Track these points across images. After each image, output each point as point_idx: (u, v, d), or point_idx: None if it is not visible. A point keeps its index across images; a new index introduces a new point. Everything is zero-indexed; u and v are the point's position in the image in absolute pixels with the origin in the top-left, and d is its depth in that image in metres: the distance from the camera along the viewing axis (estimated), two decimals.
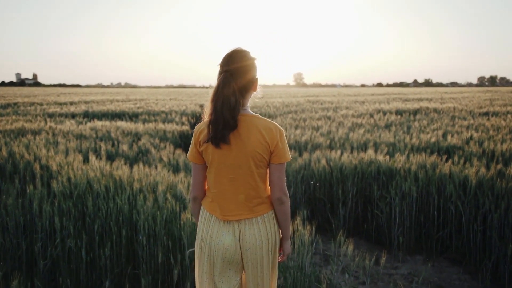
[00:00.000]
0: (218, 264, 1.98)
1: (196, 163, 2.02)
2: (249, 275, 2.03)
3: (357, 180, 5.12)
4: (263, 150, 1.90)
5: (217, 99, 1.84)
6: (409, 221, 4.55)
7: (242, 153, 1.90)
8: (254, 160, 1.91)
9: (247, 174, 1.93)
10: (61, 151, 5.48)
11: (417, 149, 6.28)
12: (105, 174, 4.33)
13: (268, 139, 1.90)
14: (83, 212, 3.76)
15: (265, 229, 1.98)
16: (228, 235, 1.96)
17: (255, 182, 1.95)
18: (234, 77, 1.87)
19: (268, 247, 2.00)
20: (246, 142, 1.89)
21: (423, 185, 4.61)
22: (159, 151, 6.07)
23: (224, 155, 1.91)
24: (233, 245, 1.96)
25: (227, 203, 1.96)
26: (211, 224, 1.99)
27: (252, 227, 1.96)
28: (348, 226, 5.05)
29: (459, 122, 8.74)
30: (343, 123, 9.23)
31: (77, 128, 7.78)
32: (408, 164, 4.94)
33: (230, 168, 1.92)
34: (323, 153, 5.78)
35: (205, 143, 1.91)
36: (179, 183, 4.14)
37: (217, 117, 1.84)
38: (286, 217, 2.04)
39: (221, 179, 1.95)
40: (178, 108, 13.78)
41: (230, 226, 1.96)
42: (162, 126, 8.48)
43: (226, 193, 1.96)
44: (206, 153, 1.94)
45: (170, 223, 3.67)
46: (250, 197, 1.96)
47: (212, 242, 1.97)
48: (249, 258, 1.98)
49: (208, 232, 1.98)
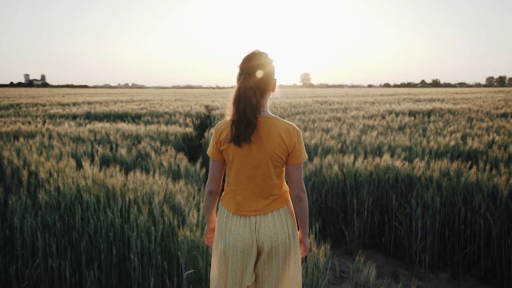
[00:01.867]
0: (237, 257, 2.03)
1: (216, 160, 2.09)
2: (267, 269, 2.06)
3: (373, 188, 4.70)
4: (281, 151, 1.98)
5: (239, 100, 1.92)
6: (432, 235, 4.12)
7: (261, 154, 1.97)
8: (273, 160, 1.99)
9: (265, 173, 2.01)
10: (54, 155, 5.10)
11: (436, 154, 5.84)
12: (98, 183, 3.94)
13: (287, 141, 1.97)
14: (70, 226, 3.38)
15: (280, 222, 2.05)
16: (245, 229, 2.02)
17: (272, 180, 2.03)
18: (254, 79, 1.94)
19: (284, 240, 2.04)
20: (266, 144, 1.96)
21: (447, 194, 4.18)
22: (160, 155, 5.68)
23: (244, 155, 1.98)
24: (250, 238, 2.02)
25: (245, 200, 2.04)
26: (229, 219, 2.07)
27: (267, 220, 2.03)
28: (364, 238, 4.63)
29: (477, 124, 8.27)
30: (354, 124, 8.79)
31: (76, 130, 7.42)
32: (429, 171, 4.51)
33: (250, 167, 2.00)
34: (334, 158, 5.35)
35: (226, 143, 1.98)
36: (178, 192, 3.75)
37: (240, 118, 1.91)
38: (304, 213, 2.11)
39: (241, 177, 2.03)
40: (183, 109, 13.38)
41: (246, 220, 2.04)
42: (164, 128, 8.09)
43: (245, 190, 2.04)
44: (227, 152, 2.01)
45: (167, 238, 3.28)
46: (267, 195, 2.04)
47: (230, 236, 2.04)
48: (265, 251, 2.02)
49: (227, 227, 2.06)
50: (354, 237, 4.56)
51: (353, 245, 4.55)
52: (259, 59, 1.97)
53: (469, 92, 35.94)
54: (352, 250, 4.55)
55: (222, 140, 2.01)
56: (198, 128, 10.62)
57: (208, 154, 2.12)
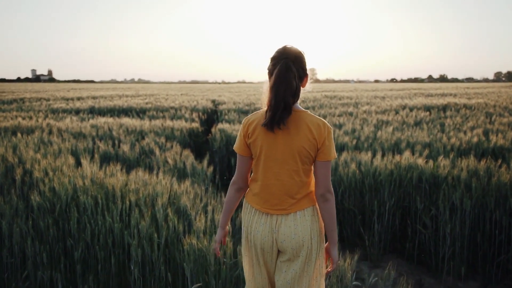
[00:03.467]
0: (259, 253, 1.99)
1: (243, 155, 2.02)
2: (285, 271, 1.97)
3: (394, 189, 4.34)
4: (310, 146, 1.89)
5: (280, 83, 1.85)
6: (461, 240, 3.77)
7: (289, 148, 1.90)
8: (300, 156, 1.90)
9: (292, 169, 1.92)
10: (51, 152, 4.79)
11: (458, 151, 5.47)
12: (97, 183, 3.63)
13: (316, 136, 1.89)
14: (65, 231, 3.07)
15: (303, 223, 1.94)
16: (265, 227, 1.96)
17: (299, 177, 1.94)
18: (294, 65, 1.88)
19: (306, 243, 1.93)
20: (294, 138, 1.89)
21: (478, 196, 3.82)
22: (164, 152, 5.36)
23: (272, 149, 1.92)
24: (270, 237, 1.95)
25: (271, 197, 1.96)
26: (251, 215, 2.01)
27: (288, 219, 1.94)
28: (384, 243, 4.28)
29: (497, 119, 7.87)
30: (367, 120, 8.41)
31: (77, 125, 7.11)
32: (456, 170, 4.14)
33: (277, 162, 1.93)
34: (351, 155, 4.99)
35: (254, 135, 1.93)
36: (184, 194, 3.41)
37: (278, 100, 1.84)
38: (330, 217, 1.97)
39: (267, 173, 1.95)
40: (189, 103, 13.04)
41: (268, 218, 1.96)
42: (169, 123, 7.75)
43: (271, 187, 1.96)
44: (255, 145, 1.95)
45: (172, 245, 2.95)
46: (293, 193, 1.95)
47: (252, 232, 1.99)
48: (285, 251, 1.95)
49: (250, 223, 2.00)
50: (374, 241, 4.22)
51: (373, 250, 4.20)
52: (295, 50, 1.93)
53: (481, 87, 35.29)
54: (371, 256, 4.21)
55: (250, 132, 1.96)
56: (205, 123, 10.29)
57: (235, 149, 2.05)
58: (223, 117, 9.93)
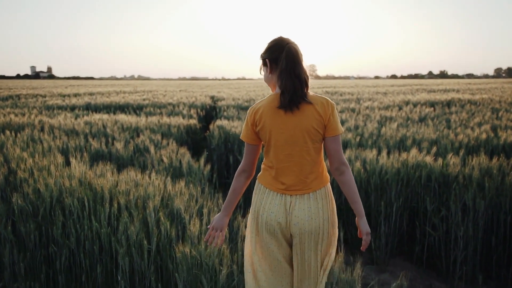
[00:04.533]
0: (272, 235, 1.99)
1: (251, 144, 2.04)
2: (299, 254, 1.99)
3: (401, 188, 4.11)
4: (318, 124, 1.92)
5: (294, 64, 1.90)
6: (474, 244, 3.54)
7: (298, 129, 1.92)
8: (310, 135, 1.93)
9: (303, 149, 1.95)
10: (40, 151, 4.55)
11: (466, 148, 5.23)
12: (85, 183, 3.39)
13: (322, 114, 1.92)
14: (49, 237, 2.83)
15: (316, 206, 1.96)
16: (280, 207, 1.97)
17: (311, 157, 1.96)
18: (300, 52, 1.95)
19: (318, 225, 1.95)
20: (301, 118, 1.91)
21: (491, 196, 3.59)
22: (160, 150, 5.11)
23: (281, 132, 1.93)
24: (284, 217, 1.96)
25: (286, 179, 1.97)
26: (265, 196, 2.01)
27: (303, 202, 1.96)
28: (391, 246, 4.05)
29: (504, 115, 7.63)
30: (370, 116, 8.17)
31: (71, 122, 6.86)
32: (467, 169, 3.91)
33: (287, 144, 1.94)
34: (355, 152, 4.75)
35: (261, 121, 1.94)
36: (178, 195, 3.17)
37: (296, 82, 1.88)
38: (350, 189, 1.98)
39: (279, 156, 1.97)
40: (187, 100, 12.77)
41: (282, 198, 1.97)
42: (166, 120, 7.50)
43: (284, 169, 1.97)
44: (264, 131, 1.96)
45: (163, 252, 2.72)
46: (307, 172, 1.96)
47: (264, 213, 1.99)
48: (297, 233, 1.96)
49: (262, 204, 2.00)
50: (380, 244, 3.98)
51: (380, 253, 3.97)
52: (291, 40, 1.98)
53: (482, 82, 35.00)
54: (377, 259, 3.98)
55: (257, 120, 1.96)
56: (203, 119, 10.04)
57: (242, 138, 2.06)
58: (222, 113, 9.68)
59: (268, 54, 1.99)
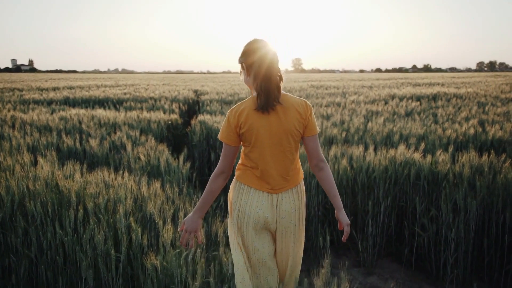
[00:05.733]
0: (258, 232, 2.08)
1: (231, 145, 2.07)
2: (282, 244, 2.13)
3: (389, 187, 3.94)
4: (299, 125, 2.03)
5: (266, 69, 1.97)
6: (465, 245, 3.39)
7: (282, 130, 2.01)
8: (292, 135, 2.03)
9: (286, 149, 2.04)
10: (7, 149, 4.27)
11: (454, 144, 5.09)
12: (52, 185, 3.14)
13: (303, 115, 2.04)
14: (9, 246, 2.58)
15: (298, 198, 2.11)
16: (267, 204, 2.06)
17: (292, 155, 2.07)
18: (273, 54, 2.02)
19: (298, 216, 2.12)
20: (284, 120, 2.00)
21: (483, 196, 3.43)
22: (137, 147, 4.86)
23: (267, 133, 2.00)
24: (271, 213, 2.07)
25: (271, 179, 2.05)
26: (250, 195, 2.08)
27: (287, 196, 2.08)
28: (379, 247, 3.88)
29: (491, 109, 7.54)
30: (356, 110, 8.00)
31: (45, 117, 6.54)
32: (457, 166, 3.75)
33: (272, 145, 2.02)
34: (341, 149, 4.56)
35: (247, 123, 1.99)
36: (152, 198, 2.94)
37: (269, 85, 1.97)
38: (330, 184, 2.11)
39: (265, 156, 2.04)
40: (170, 94, 12.46)
41: (268, 196, 2.07)
42: (146, 115, 7.22)
43: (269, 169, 2.05)
44: (250, 133, 2.01)
45: (135, 261, 2.50)
46: (288, 170, 2.07)
47: (252, 211, 2.06)
48: (284, 226, 2.09)
49: (248, 203, 2.07)
50: (367, 245, 3.81)
51: (367, 255, 3.80)
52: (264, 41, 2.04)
53: (465, 76, 35.25)
54: (364, 261, 3.81)
55: (242, 122, 2.01)
56: (186, 114, 9.77)
57: (221, 139, 2.08)
58: (204, 108, 9.42)
59: (243, 58, 2.05)
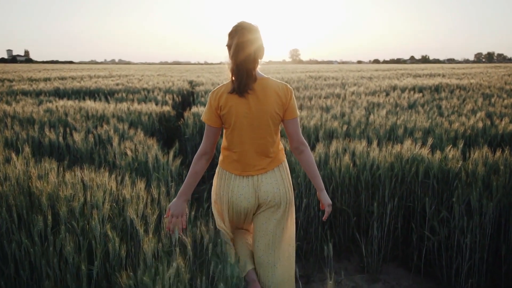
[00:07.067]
0: (240, 215, 2.19)
1: (213, 126, 2.11)
2: (265, 223, 2.19)
3: (395, 186, 3.63)
4: (279, 108, 2.08)
5: (238, 51, 1.97)
6: (481, 252, 3.09)
7: (261, 113, 2.05)
8: (272, 119, 2.08)
9: (266, 132, 2.09)
10: None
11: (463, 138, 4.78)
12: (24, 186, 2.82)
13: (284, 98, 2.08)
14: None
15: (280, 177, 2.17)
16: (249, 188, 2.13)
17: (272, 137, 2.12)
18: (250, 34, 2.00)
19: (285, 194, 2.17)
20: (264, 103, 2.04)
21: (500, 197, 3.13)
22: (124, 141, 4.52)
23: (246, 116, 2.04)
24: (254, 197, 2.14)
25: (250, 160, 2.12)
26: (231, 180, 2.15)
27: (267, 177, 2.14)
28: (385, 251, 3.59)
29: (498, 101, 7.23)
30: (357, 102, 7.68)
31: (29, 110, 6.20)
32: (470, 164, 3.45)
33: (252, 128, 2.07)
34: (342, 144, 4.25)
35: (226, 106, 2.03)
36: (132, 201, 2.62)
37: (240, 68, 1.99)
38: (310, 166, 2.20)
39: (243, 139, 2.09)
40: (164, 85, 12.08)
41: (249, 180, 2.13)
42: (137, 107, 6.87)
43: (248, 151, 2.10)
44: (229, 116, 2.05)
45: (112, 276, 2.18)
46: (268, 152, 2.13)
47: (233, 196, 2.14)
48: (266, 205, 2.16)
49: (230, 187, 2.14)
50: (372, 249, 3.52)
51: (371, 259, 3.50)
52: (249, 25, 2.02)
53: (465, 67, 34.90)
54: (369, 267, 3.51)
55: (222, 104, 2.05)
56: (180, 106, 9.42)
57: (204, 120, 2.12)
58: (199, 99, 9.08)
59: (227, 41, 2.04)
